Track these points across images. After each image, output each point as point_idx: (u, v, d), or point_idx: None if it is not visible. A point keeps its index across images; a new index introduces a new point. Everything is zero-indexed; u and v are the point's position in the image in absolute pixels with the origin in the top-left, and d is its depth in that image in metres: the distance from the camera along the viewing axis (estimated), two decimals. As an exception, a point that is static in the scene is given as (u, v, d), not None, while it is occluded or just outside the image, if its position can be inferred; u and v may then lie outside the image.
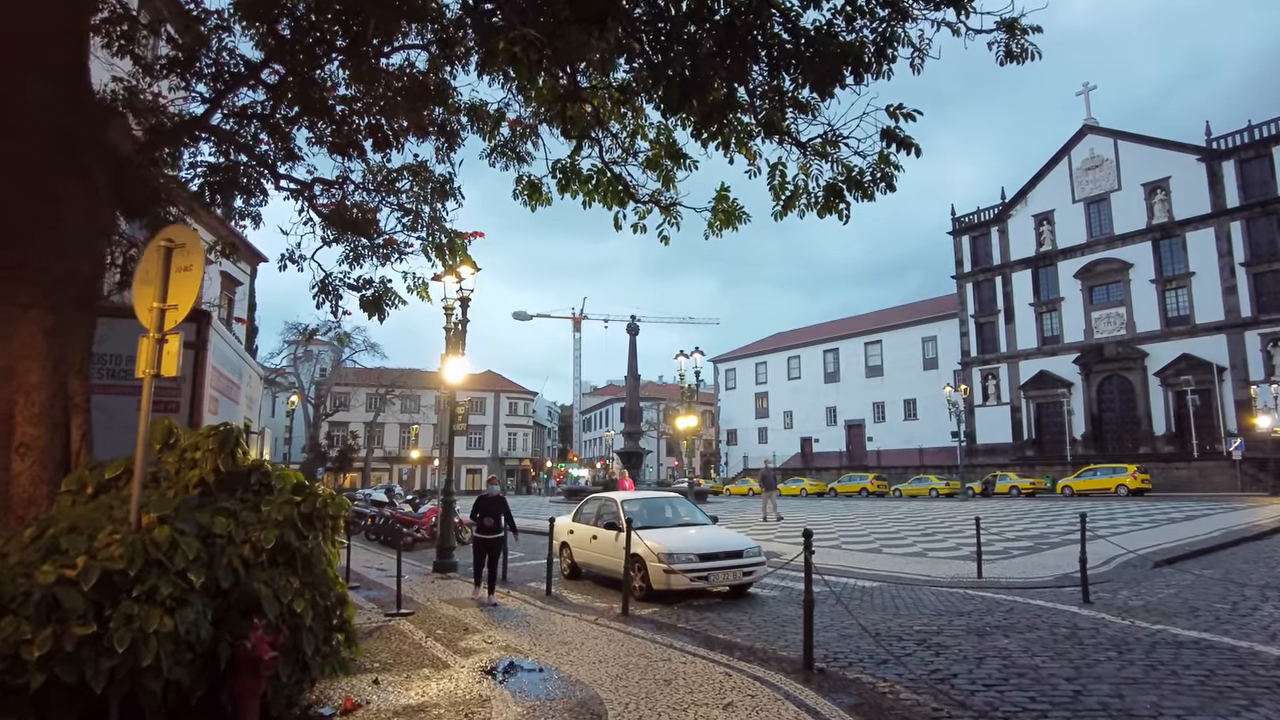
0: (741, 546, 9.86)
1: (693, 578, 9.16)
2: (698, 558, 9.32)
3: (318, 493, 5.28)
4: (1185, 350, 41.65)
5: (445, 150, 10.03)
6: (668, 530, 10.36)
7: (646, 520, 10.57)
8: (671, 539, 9.79)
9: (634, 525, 9.52)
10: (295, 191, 10.72)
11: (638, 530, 9.54)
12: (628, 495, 11.81)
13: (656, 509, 11.35)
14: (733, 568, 9.44)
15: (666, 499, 12.10)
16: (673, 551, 9.30)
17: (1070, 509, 24.69)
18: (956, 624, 7.70)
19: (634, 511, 10.48)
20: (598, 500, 11.99)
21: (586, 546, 11.21)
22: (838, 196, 6.88)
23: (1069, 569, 11.52)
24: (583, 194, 8.04)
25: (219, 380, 7.91)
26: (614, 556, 9.82)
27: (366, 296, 11.03)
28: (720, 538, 10.31)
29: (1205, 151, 41.92)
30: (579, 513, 12.15)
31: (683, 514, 11.39)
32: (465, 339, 12.69)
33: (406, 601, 9.21)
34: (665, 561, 9.17)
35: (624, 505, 10.64)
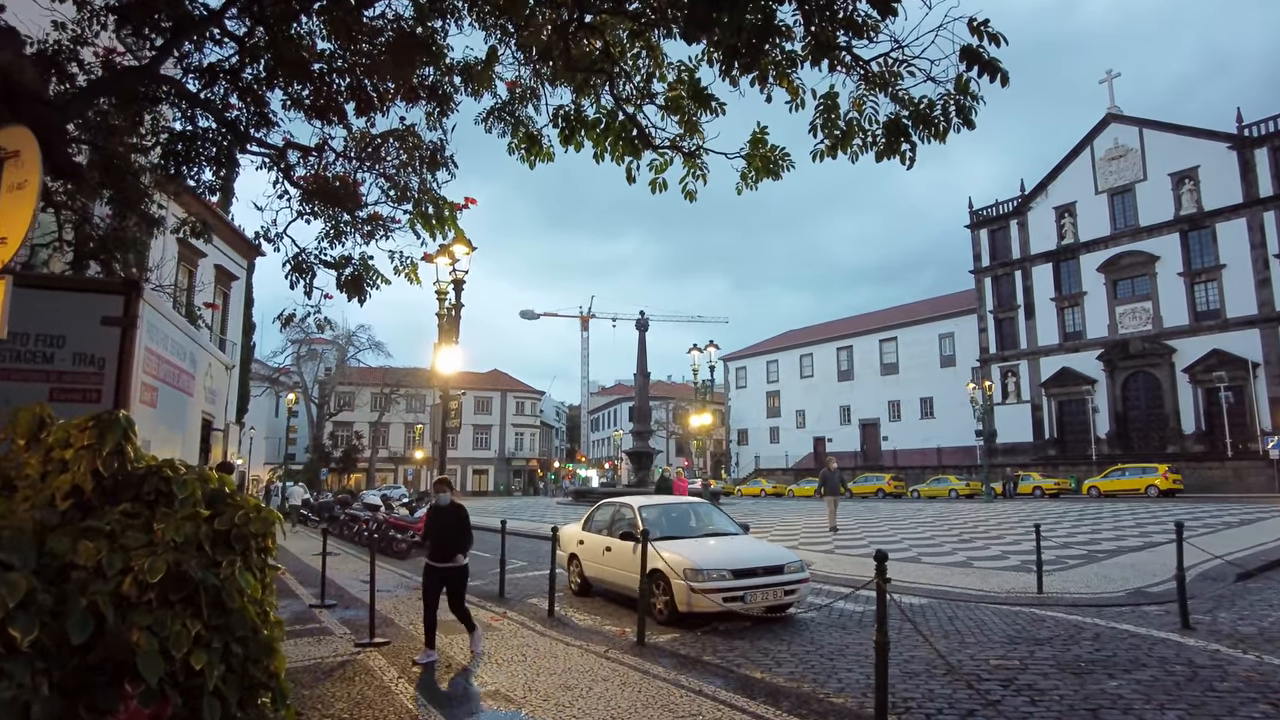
0: (781, 560, 8.36)
1: (725, 598, 7.66)
2: (730, 574, 7.84)
3: (240, 504, 4.01)
4: (1216, 345, 40.05)
5: (437, 116, 8.78)
6: (693, 541, 8.90)
7: (668, 529, 9.17)
8: (699, 551, 8.37)
9: (654, 535, 8.28)
10: (268, 160, 9.49)
11: (658, 541, 8.32)
12: (646, 500, 10.29)
13: (679, 516, 9.84)
14: (772, 585, 7.94)
15: (691, 504, 10.55)
16: (701, 566, 7.86)
17: (1107, 511, 23.27)
18: (1040, 656, 6.38)
19: (653, 519, 9.17)
20: (611, 506, 10.34)
21: (599, 560, 9.67)
22: (901, 135, 5.58)
23: (1139, 582, 10.21)
24: (590, 143, 6.77)
25: (160, 367, 6.67)
26: (631, 572, 8.41)
27: (345, 275, 9.81)
28: (756, 550, 8.83)
29: (1237, 139, 40.31)
30: (590, 520, 10.59)
31: (710, 522, 9.87)
32: (459, 326, 11.44)
33: (384, 626, 7.95)
34: (692, 578, 7.76)
35: (642, 512, 9.28)
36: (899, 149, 5.61)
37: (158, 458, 4.73)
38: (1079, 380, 45.74)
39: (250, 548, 3.98)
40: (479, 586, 11.08)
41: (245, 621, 3.76)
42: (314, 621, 8.24)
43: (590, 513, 10.79)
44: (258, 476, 58.37)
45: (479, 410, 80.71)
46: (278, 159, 9.31)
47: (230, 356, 33.29)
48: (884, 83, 5.60)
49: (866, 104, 5.70)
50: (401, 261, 9.86)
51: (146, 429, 6.37)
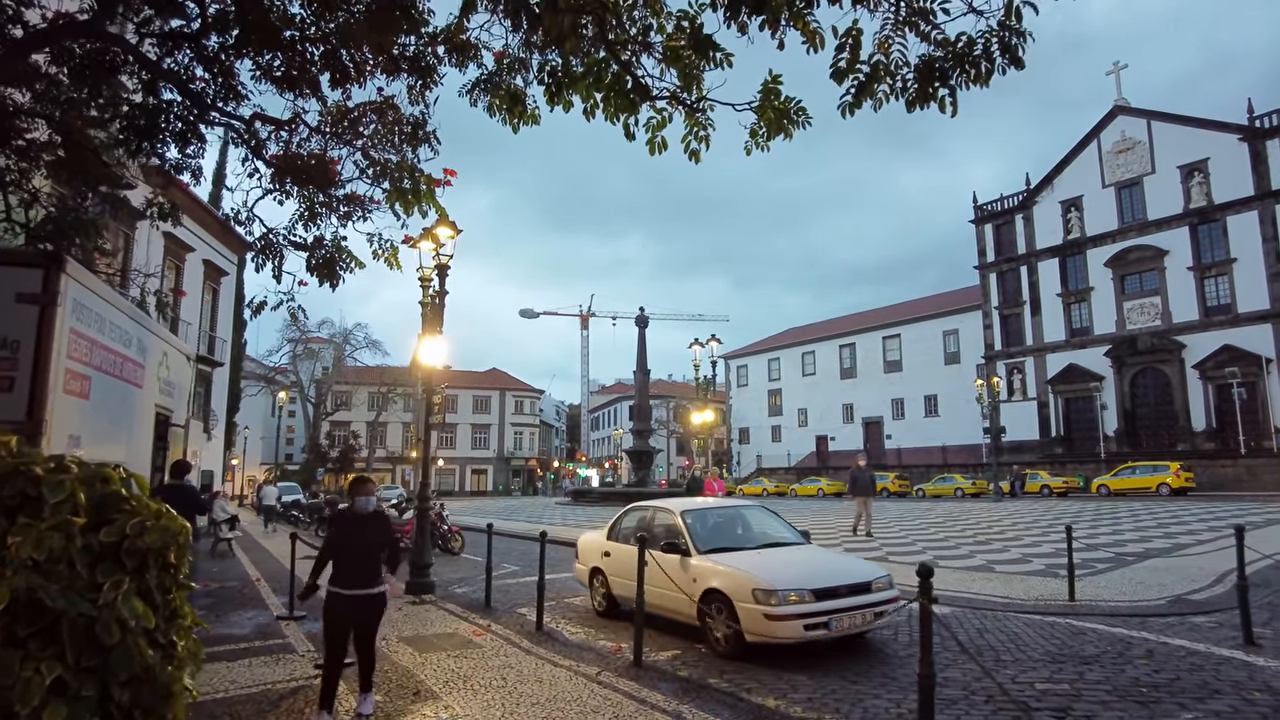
0: (867, 575, 6.90)
1: (808, 624, 6.18)
2: (812, 595, 6.33)
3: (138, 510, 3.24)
4: (1227, 341, 39.24)
5: (419, 89, 8.01)
6: (754, 554, 7.35)
7: (720, 539, 7.73)
8: (767, 567, 6.81)
9: (704, 547, 7.30)
10: (236, 136, 8.74)
11: (713, 554, 7.20)
12: (690, 504, 8.61)
13: (731, 523, 8.26)
14: (860, 608, 6.49)
15: (741, 508, 8.87)
16: (776, 586, 6.30)
17: (1123, 510, 22.48)
18: (1092, 678, 5.61)
19: (701, 526, 7.85)
20: (644, 511, 8.68)
21: (633, 576, 7.50)
22: (937, 80, 4.82)
23: (1178, 589, 9.44)
24: (580, 98, 5.99)
25: (95, 353, 5.90)
26: (677, 591, 7.14)
27: (316, 258, 9.06)
28: (834, 564, 7.44)
29: (1247, 130, 39.48)
30: (617, 528, 8.90)
31: (767, 530, 8.24)
32: (443, 315, 10.65)
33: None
34: (765, 601, 6.23)
35: (686, 518, 7.83)
36: (935, 95, 4.85)
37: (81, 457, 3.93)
38: (1086, 377, 44.95)
39: (148, 564, 3.19)
40: (465, 595, 10.33)
41: (131, 659, 2.95)
42: (277, 636, 7.47)
43: (617, 519, 9.09)
44: (253, 477, 57.66)
45: (477, 409, 79.98)
46: (246, 133, 8.56)
47: (220, 354, 32.56)
48: (912, 21, 4.84)
49: (894, 46, 4.92)
50: (381, 245, 9.11)
51: (75, 423, 5.61)
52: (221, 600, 9.84)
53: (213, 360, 31.78)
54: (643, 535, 7.72)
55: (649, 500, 9.56)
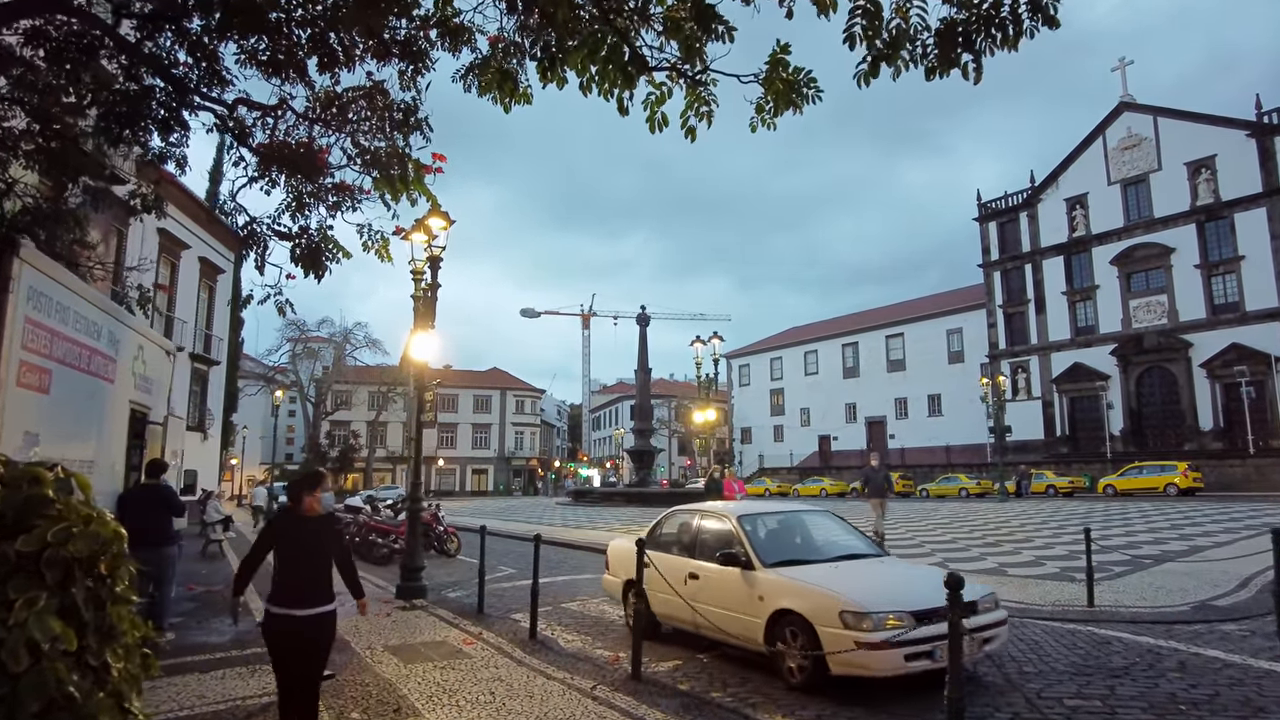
0: (973, 594, 5.55)
1: (909, 653, 5.11)
2: (912, 617, 5.24)
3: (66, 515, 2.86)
4: (1235, 340, 38.77)
5: (410, 75, 7.64)
6: (830, 568, 6.26)
7: (786, 550, 6.68)
8: (855, 583, 5.77)
9: (770, 559, 6.26)
10: (221, 123, 8.37)
11: (781, 568, 6.16)
12: (745, 508, 7.59)
13: (794, 530, 7.27)
14: (969, 632, 5.04)
15: (801, 513, 7.76)
16: (868, 608, 5.24)
17: (1133, 511, 22.05)
18: (1124, 694, 5.22)
19: (762, 535, 6.82)
20: (690, 515, 7.59)
21: (679, 591, 6.69)
22: (960, 44, 4.43)
23: (1201, 594, 9.03)
24: (574, 73, 5.61)
25: (56, 345, 5.53)
26: (739, 612, 6.10)
27: (300, 248, 8.67)
28: (932, 580, 5.89)
29: (1255, 126, 39.04)
30: (656, 534, 7.77)
31: (837, 538, 7.18)
32: (435, 309, 10.27)
33: (337, 651, 6.79)
34: (857, 624, 5.19)
35: (744, 524, 6.71)
36: (958, 61, 4.47)
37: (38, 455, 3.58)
38: (1092, 376, 44.51)
39: (74, 577, 2.80)
40: (458, 600, 9.95)
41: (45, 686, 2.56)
42: (256, 645, 7.07)
43: (657, 524, 7.99)
44: (252, 477, 57.38)
45: (478, 409, 79.63)
46: (229, 120, 8.18)
47: (216, 352, 32.21)
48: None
49: (912, 10, 4.53)
50: (371, 236, 8.74)
51: (32, 419, 5.23)
52: (205, 604, 9.48)
53: (209, 359, 31.43)
54: (690, 544, 7.08)
55: (700, 504, 8.47)
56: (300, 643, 4.05)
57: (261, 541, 4.35)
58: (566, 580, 11.72)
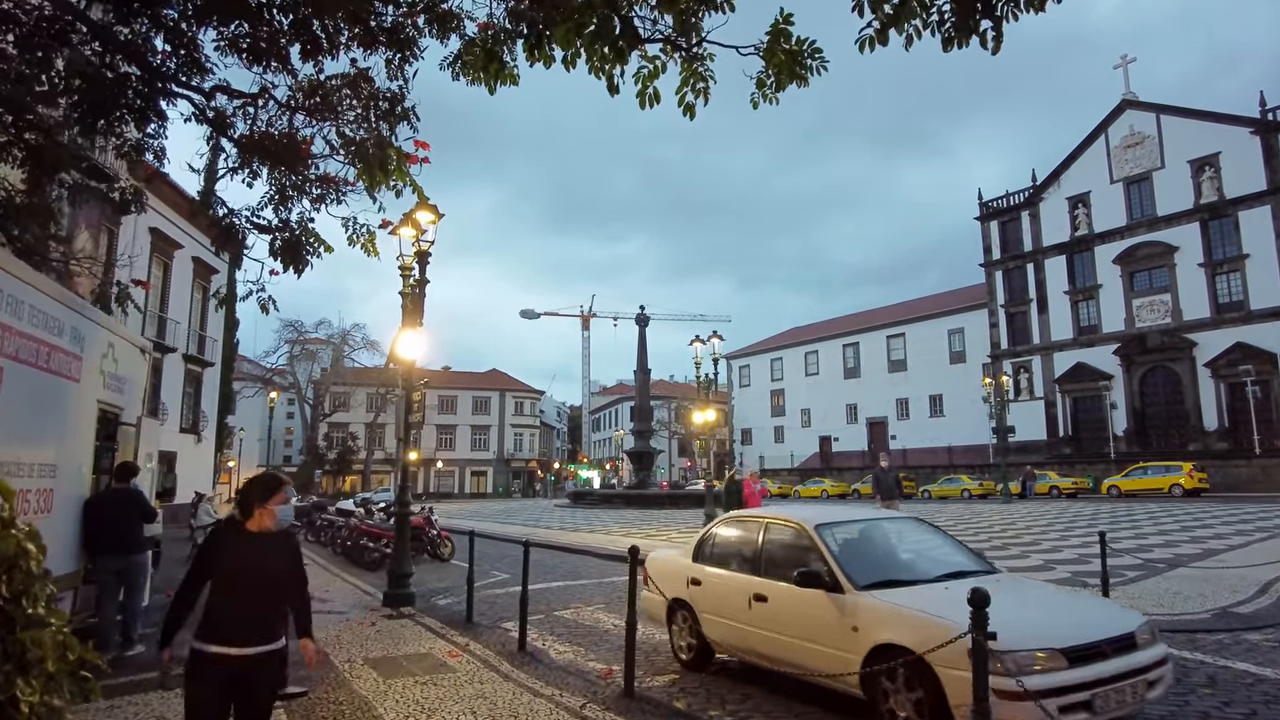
0: (1126, 625, 4.54)
1: (1064, 704, 3.95)
2: (1063, 656, 4.09)
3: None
4: (1239, 339, 38.43)
5: (398, 64, 7.30)
6: (944, 590, 4.87)
7: (881, 568, 5.38)
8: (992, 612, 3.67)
9: (865, 579, 5.03)
10: (199, 112, 7.98)
11: (877, 589, 4.93)
12: (821, 515, 6.08)
13: (884, 542, 5.97)
14: (1130, 675, 4.21)
15: (886, 521, 6.37)
16: (1012, 644, 4.00)
17: (1140, 512, 21.67)
18: (1154, 712, 4.84)
19: (847, 547, 5.57)
20: (750, 524, 6.38)
21: (741, 616, 5.74)
22: (980, 8, 4.08)
23: (1220, 600, 8.67)
24: (561, 49, 5.25)
25: (8, 341, 5.18)
26: (822, 645, 4.94)
27: (280, 241, 8.29)
28: (1074, 605, 5.31)
29: (1260, 124, 38.71)
30: (708, 544, 6.62)
31: (935, 551, 5.88)
32: (424, 306, 9.92)
33: (318, 662, 6.43)
34: (991, 665, 3.73)
35: (824, 534, 5.53)
36: (976, 28, 4.10)
37: None
38: (1095, 376, 44.16)
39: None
40: (447, 607, 9.58)
41: None
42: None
43: (706, 534, 6.79)
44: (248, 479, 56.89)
45: (477, 410, 79.28)
46: (208, 109, 7.81)
47: (210, 353, 31.85)
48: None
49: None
50: (356, 230, 8.37)
51: (-21, 419, 4.88)
52: (182, 614, 9.11)
53: (202, 359, 31.12)
54: (754, 558, 5.91)
55: (761, 511, 6.90)
56: (236, 693, 3.18)
57: (198, 565, 3.40)
58: (561, 586, 11.35)
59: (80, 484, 6.66)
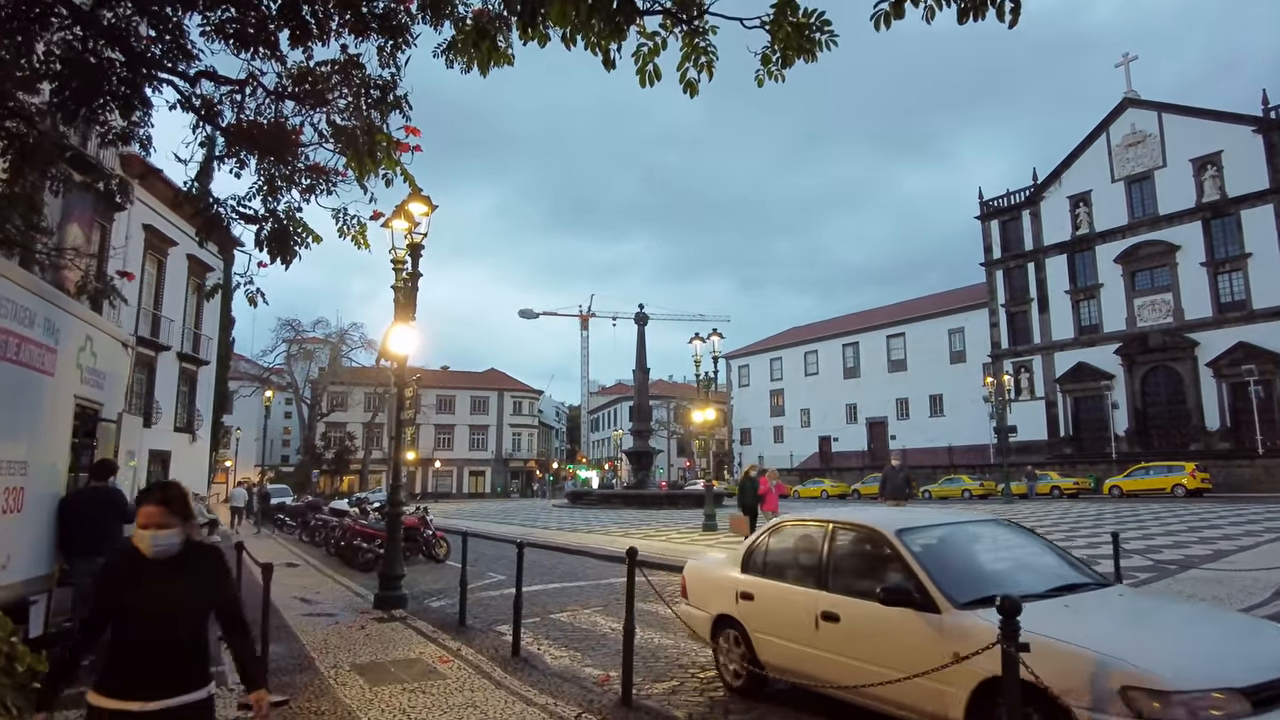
0: None
1: None
2: (1247, 699, 3.24)
3: None
4: (1242, 338, 38.19)
5: (390, 51, 7.07)
6: (1064, 608, 4.14)
7: (981, 584, 4.40)
8: (1124, 635, 3.84)
9: (966, 596, 4.20)
10: (184, 99, 7.72)
11: (981, 608, 4.04)
12: (904, 519, 5.21)
13: (976, 551, 5.02)
14: None
15: (971, 525, 5.42)
16: (1172, 680, 3.26)
17: (1145, 512, 21.44)
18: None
19: (938, 557, 4.65)
20: (814, 528, 5.47)
21: (806, 638, 4.92)
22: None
23: (1236, 602, 8.41)
24: (556, 27, 4.99)
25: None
26: (914, 676, 3.95)
27: (266, 231, 8.02)
28: (1233, 625, 4.55)
29: (1262, 122, 38.47)
30: (761, 552, 5.74)
31: (1040, 562, 4.92)
32: (416, 300, 9.65)
33: (297, 671, 6.18)
34: (1151, 709, 3.19)
35: (908, 540, 4.71)
36: (994, 1, 3.85)
37: None
38: (1096, 375, 43.92)
39: None
40: (440, 610, 9.32)
41: None
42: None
43: (757, 541, 5.86)
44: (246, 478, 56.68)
45: (475, 410, 79.00)
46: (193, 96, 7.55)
47: (206, 351, 31.57)
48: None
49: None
50: (347, 222, 8.11)
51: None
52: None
53: (197, 358, 30.82)
54: (819, 569, 5.05)
55: (826, 515, 5.68)
56: None
57: (100, 598, 2.76)
58: (558, 588, 11.09)
59: (55, 482, 6.39)
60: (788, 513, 7.81)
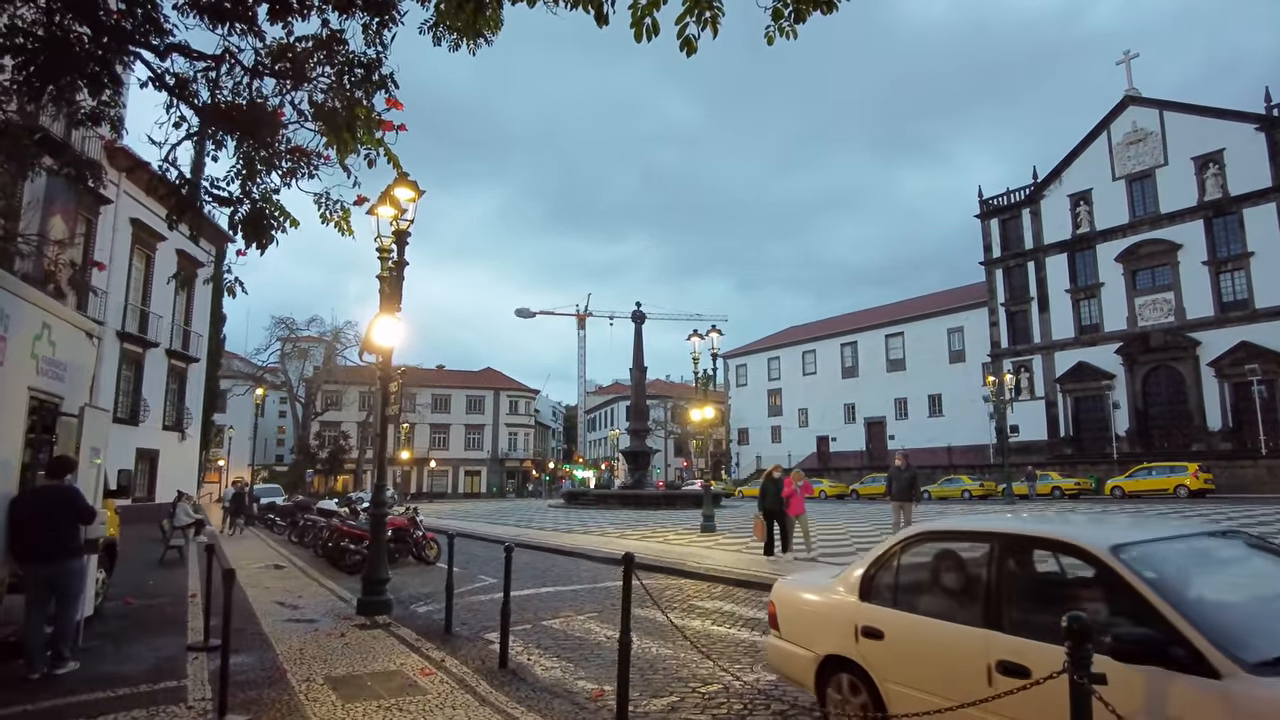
0: None
1: None
2: None
3: None
4: (1244, 337, 37.85)
5: (375, 29, 6.66)
6: None
7: (1269, 633, 2.93)
8: None
9: (1260, 654, 2.72)
10: (156, 77, 7.27)
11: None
12: (1121, 532, 3.60)
13: (1229, 576, 3.53)
14: None
15: (1209, 539, 3.88)
16: None
17: (1152, 514, 21.06)
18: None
19: (1192, 591, 3.14)
20: (972, 544, 4.03)
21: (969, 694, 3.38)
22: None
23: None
24: (543, -22, 4.56)
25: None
26: None
27: (241, 215, 7.58)
28: None
29: (1265, 120, 38.13)
30: (889, 573, 4.32)
31: None
32: (402, 290, 9.20)
33: (266, 686, 5.72)
34: None
35: (1136, 566, 3.16)
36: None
37: None
38: (1096, 375, 43.56)
39: None
40: (426, 616, 8.87)
41: None
42: (174, 676, 5.99)
43: (884, 556, 4.38)
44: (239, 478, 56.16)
45: (471, 410, 78.46)
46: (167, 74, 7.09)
47: (195, 349, 31.03)
48: None
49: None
50: (330, 207, 7.67)
51: None
52: (135, 623, 8.36)
53: (187, 355, 30.31)
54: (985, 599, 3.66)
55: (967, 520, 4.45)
56: None
57: None
58: (551, 592, 10.65)
59: (7, 480, 5.94)
60: (816, 517, 7.26)
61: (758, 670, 6.06)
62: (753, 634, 7.45)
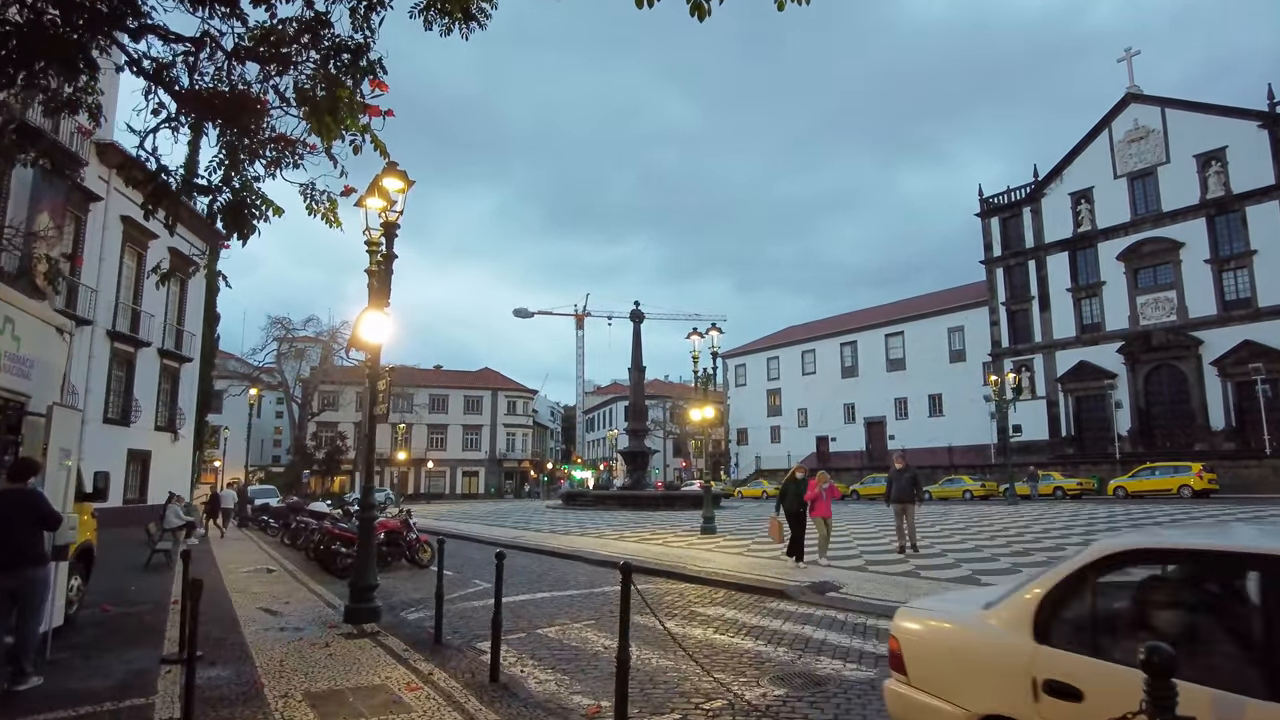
0: None
1: None
2: None
3: None
4: (1247, 336, 37.55)
5: (364, 13, 6.33)
6: None
7: None
8: None
9: None
10: (133, 61, 6.91)
11: None
12: None
13: None
14: None
15: None
16: None
17: (1158, 514, 20.73)
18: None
19: None
20: (1200, 569, 2.97)
21: None
22: None
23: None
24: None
25: None
26: None
27: (220, 203, 7.23)
28: None
29: (1268, 117, 37.85)
30: (1077, 603, 3.05)
31: None
32: (390, 284, 8.85)
33: (247, 697, 5.36)
34: None
35: None
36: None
37: None
38: (1098, 374, 43.27)
39: None
40: (416, 623, 8.51)
41: None
42: (142, 692, 5.64)
43: (1068, 580, 3.10)
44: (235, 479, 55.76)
45: (469, 410, 78.07)
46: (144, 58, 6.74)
47: (188, 348, 30.63)
48: None
49: None
50: (316, 198, 7.32)
51: None
52: (110, 632, 7.99)
53: (180, 355, 29.91)
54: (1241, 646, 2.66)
55: (1193, 537, 3.23)
56: None
57: None
58: (547, 598, 10.29)
59: (-36, 484, 5.59)
60: (840, 519, 6.91)
61: (764, 684, 5.71)
62: (756, 643, 7.11)
